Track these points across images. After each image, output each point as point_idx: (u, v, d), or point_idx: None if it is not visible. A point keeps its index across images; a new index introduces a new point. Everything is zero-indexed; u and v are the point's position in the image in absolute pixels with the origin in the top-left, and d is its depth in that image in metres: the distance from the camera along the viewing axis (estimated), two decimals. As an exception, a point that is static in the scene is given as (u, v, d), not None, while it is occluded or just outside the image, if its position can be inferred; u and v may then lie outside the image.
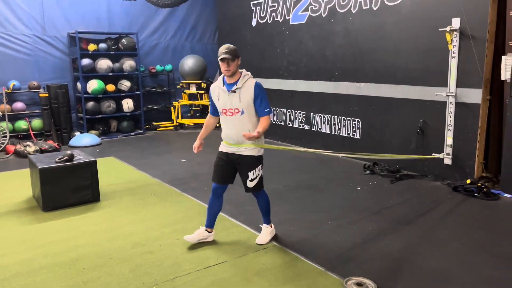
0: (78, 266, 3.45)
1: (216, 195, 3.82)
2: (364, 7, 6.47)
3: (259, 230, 4.06)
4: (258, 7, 8.62)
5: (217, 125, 3.91)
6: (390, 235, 4.02)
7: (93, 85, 8.86)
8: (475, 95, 5.27)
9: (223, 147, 3.73)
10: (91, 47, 8.92)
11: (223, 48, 3.49)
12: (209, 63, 10.50)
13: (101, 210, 4.77)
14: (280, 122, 8.44)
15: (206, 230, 3.86)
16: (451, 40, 5.33)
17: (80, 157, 5.09)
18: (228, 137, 3.64)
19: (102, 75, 9.06)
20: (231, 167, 3.71)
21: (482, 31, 5.10)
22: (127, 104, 9.42)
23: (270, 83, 8.52)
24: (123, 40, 9.22)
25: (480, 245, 3.76)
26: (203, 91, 10.14)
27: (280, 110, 8.41)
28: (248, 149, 3.58)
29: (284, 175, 6.08)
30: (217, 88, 3.63)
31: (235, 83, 3.54)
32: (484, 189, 5.03)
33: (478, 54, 5.15)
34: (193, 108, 10.50)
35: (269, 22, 8.37)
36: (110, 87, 9.15)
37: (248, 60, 9.01)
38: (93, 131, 9.06)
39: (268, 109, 3.57)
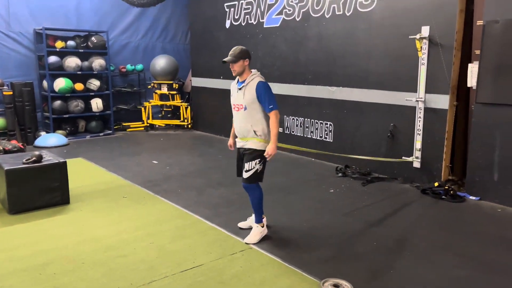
0: (48, 271, 3.34)
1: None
2: (337, 13, 6.59)
3: (235, 232, 4.07)
4: (232, 9, 8.61)
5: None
6: (363, 237, 4.11)
7: (61, 83, 8.60)
8: (442, 101, 5.46)
9: (237, 143, 4.01)
10: (59, 44, 8.66)
11: (230, 51, 3.86)
12: (181, 63, 10.41)
13: (71, 213, 4.63)
14: (253, 124, 8.45)
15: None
16: (421, 47, 5.50)
17: (49, 158, 4.92)
18: (237, 131, 3.94)
19: (70, 74, 8.81)
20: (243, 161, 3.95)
21: (450, 40, 5.30)
22: (96, 104, 9.19)
23: (243, 85, 8.53)
24: (93, 38, 9.00)
25: (447, 245, 3.90)
26: (175, 92, 10.04)
27: (253, 112, 8.42)
28: (250, 143, 3.83)
29: (267, 179, 6.08)
30: (232, 85, 4.01)
31: (244, 81, 3.83)
32: (451, 192, 5.21)
33: (446, 62, 5.35)
34: (164, 109, 10.36)
35: (243, 24, 8.38)
36: (79, 86, 8.90)
37: (220, 61, 8.99)
38: (60, 131, 8.79)
39: (271, 106, 3.74)
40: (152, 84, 10.07)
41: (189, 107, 9.92)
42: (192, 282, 3.19)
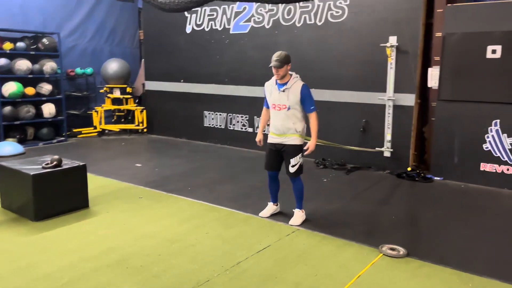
0: (132, 265, 3.45)
1: (272, 179, 4.58)
2: (308, 22, 7.32)
3: (272, 219, 4.51)
4: (194, 15, 8.87)
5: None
6: (381, 214, 4.84)
7: (11, 88, 8.03)
8: (409, 99, 6.49)
9: (271, 139, 4.44)
10: (7, 46, 8.08)
11: (274, 56, 4.21)
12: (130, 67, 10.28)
13: (101, 215, 4.62)
14: (220, 125, 8.81)
15: (274, 205, 4.65)
16: (390, 53, 6.47)
17: (66, 161, 4.82)
18: (275, 128, 4.35)
19: (20, 77, 8.25)
20: (278, 156, 4.43)
21: (414, 47, 6.34)
22: (49, 109, 8.71)
23: (208, 88, 8.84)
24: (44, 40, 8.55)
25: (444, 214, 4.80)
26: (129, 96, 9.91)
27: (220, 114, 8.78)
28: (292, 139, 4.29)
29: (252, 174, 6.52)
30: (270, 86, 4.39)
31: (285, 83, 4.25)
32: (422, 174, 6.25)
33: (411, 66, 6.38)
34: (116, 114, 10.14)
35: (207, 30, 8.69)
36: (30, 91, 8.37)
37: (181, 66, 9.20)
38: (10, 139, 8.18)
39: (313, 107, 4.27)
40: (105, 88, 9.81)
41: (144, 110, 9.87)
42: (275, 259, 3.58)
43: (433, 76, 6.31)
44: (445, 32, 6.04)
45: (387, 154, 6.77)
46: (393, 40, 6.45)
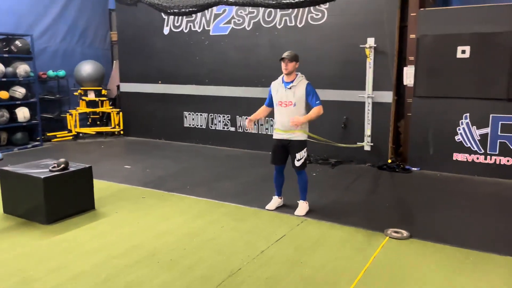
0: (163, 259, 3.61)
1: (278, 173, 4.89)
2: (289, 24, 7.65)
3: (279, 211, 4.79)
4: (171, 16, 8.94)
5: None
6: (375, 202, 5.25)
7: (-15, 92, 7.77)
8: (386, 96, 6.99)
9: (276, 135, 4.75)
10: (-21, 48, 7.80)
11: (286, 52, 4.61)
12: (103, 69, 10.18)
13: (111, 216, 4.69)
14: (201, 126, 8.95)
15: (279, 198, 4.95)
16: (369, 54, 6.94)
17: (71, 164, 4.84)
18: (281, 124, 4.65)
19: (-6, 81, 7.99)
20: (283, 151, 4.74)
21: (391, 48, 6.84)
22: (23, 113, 8.48)
23: (188, 89, 8.96)
24: (17, 42, 8.31)
25: (429, 199, 5.28)
26: (104, 98, 9.81)
27: (201, 115, 8.93)
28: (297, 135, 4.62)
29: (244, 171, 6.76)
30: (276, 84, 4.72)
31: (292, 81, 4.58)
32: (401, 166, 6.77)
33: (388, 65, 6.88)
34: (91, 116, 9.99)
35: (186, 31, 8.81)
36: (3, 94, 8.12)
37: (159, 67, 9.25)
38: (-16, 145, 7.91)
39: (318, 101, 4.58)
40: (79, 91, 9.64)
41: (120, 112, 9.80)
42: (294, 246, 3.87)
43: (408, 75, 6.84)
44: (419, 34, 6.57)
45: (367, 148, 7.23)
46: (371, 41, 6.92)
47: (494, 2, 6.11)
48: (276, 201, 4.95)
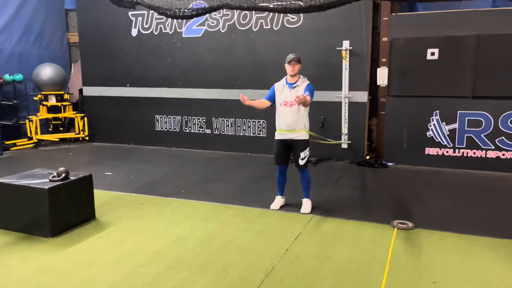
0: (193, 264, 3.60)
1: (281, 173, 5.03)
2: (265, 27, 7.80)
3: (284, 211, 4.92)
4: (140, 18, 8.74)
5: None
6: (369, 195, 5.54)
7: None
8: (362, 96, 7.36)
9: (279, 136, 4.88)
10: None
11: (291, 55, 4.82)
12: (63, 72, 9.69)
13: (116, 224, 4.55)
14: (175, 129, 8.83)
15: (281, 197, 5.07)
16: (346, 56, 7.26)
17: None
18: (285, 124, 4.79)
19: None
20: (287, 151, 4.90)
21: (365, 51, 7.21)
22: (-19, 121, 7.89)
23: (159, 92, 8.81)
24: (-28, 45, 7.71)
25: (411, 190, 5.68)
26: (67, 103, 9.35)
27: (174, 118, 8.81)
28: (300, 134, 4.78)
29: (232, 173, 6.80)
30: (280, 85, 4.88)
31: (295, 82, 4.80)
32: (379, 161, 7.17)
33: (363, 67, 7.25)
34: (52, 122, 9.47)
35: (156, 33, 8.65)
36: (-41, 101, 7.51)
37: (127, 70, 9.01)
38: None
39: (310, 96, 4.69)
40: (39, 96, 9.11)
41: (85, 118, 9.39)
42: (314, 242, 4.01)
43: (381, 75, 7.25)
44: (391, 37, 7.00)
45: (344, 145, 7.57)
46: (346, 44, 7.25)
47: (457, 8, 6.66)
48: (279, 200, 5.07)
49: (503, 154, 6.68)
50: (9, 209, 4.32)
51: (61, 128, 9.54)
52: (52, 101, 9.24)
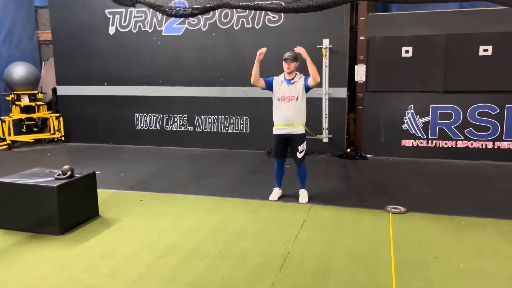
0: (211, 252, 3.75)
1: (279, 166, 5.27)
2: (246, 26, 7.99)
3: (282, 201, 5.16)
4: (117, 16, 8.67)
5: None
6: (358, 185, 5.88)
7: None
8: (341, 92, 7.73)
9: (278, 131, 5.07)
10: None
11: (287, 53, 5.03)
12: (36, 71, 9.43)
13: (122, 221, 4.60)
14: (156, 127, 8.84)
15: (279, 189, 5.31)
16: (326, 54, 7.60)
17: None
18: (284, 119, 4.98)
19: None
20: (285, 145, 5.11)
21: (343, 49, 7.58)
22: (-47, 122, 7.57)
23: (139, 90, 8.79)
24: None
25: (395, 178, 6.10)
26: (41, 102, 9.12)
27: (155, 116, 8.82)
28: (298, 129, 5.01)
29: (220, 169, 6.95)
30: (279, 80, 5.09)
31: (293, 78, 5.02)
32: (359, 154, 7.56)
33: (342, 64, 7.62)
34: (25, 123, 9.20)
35: (134, 31, 8.61)
36: None
37: (104, 68, 8.92)
38: None
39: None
40: (11, 96, 8.83)
41: (61, 117, 9.19)
42: (320, 229, 4.27)
43: (359, 72, 7.65)
44: (369, 36, 7.40)
45: (325, 140, 7.91)
46: (326, 42, 7.59)
47: (429, 9, 7.16)
48: (277, 192, 5.30)
49: (471, 144, 7.25)
50: (15, 209, 4.27)
51: (35, 129, 9.28)
52: (25, 101, 8.98)
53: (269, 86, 5.12)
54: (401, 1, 4.71)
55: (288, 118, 4.98)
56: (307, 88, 5.01)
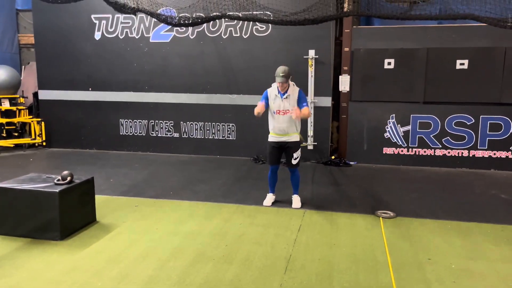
0: (216, 256, 3.86)
1: (273, 173, 5.42)
2: (234, 35, 8.15)
3: (276, 206, 5.32)
4: (104, 21, 8.65)
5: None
6: (348, 191, 6.10)
7: None
8: (326, 101, 7.99)
9: (273, 138, 5.23)
10: None
11: (280, 72, 5.01)
12: (16, 75, 9.25)
13: (121, 226, 4.64)
14: (141, 133, 8.84)
15: (273, 195, 5.46)
16: (312, 64, 7.84)
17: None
18: (280, 130, 5.15)
19: None
20: (280, 152, 5.29)
21: (328, 59, 7.85)
22: None
23: (124, 96, 8.78)
24: None
25: (380, 185, 6.37)
26: (23, 107, 8.95)
27: (140, 122, 8.81)
28: (294, 137, 5.20)
29: (211, 174, 7.04)
30: (272, 94, 5.17)
31: (286, 91, 5.12)
32: (343, 161, 7.82)
33: (327, 74, 7.88)
34: (5, 128, 8.98)
35: (121, 37, 8.61)
36: None
37: (89, 73, 8.87)
38: None
39: (305, 103, 5.12)
40: (-8, 99, 8.64)
41: (42, 122, 9.04)
42: (317, 232, 4.45)
43: (343, 82, 7.93)
44: (353, 48, 7.70)
45: (310, 147, 8.14)
46: (312, 53, 7.84)
47: (410, 24, 7.53)
48: (271, 197, 5.46)
49: (449, 152, 7.64)
50: (15, 215, 4.24)
51: (16, 134, 9.08)
52: (6, 105, 8.80)
53: (266, 102, 5.20)
54: (389, 17, 4.97)
55: (284, 128, 5.16)
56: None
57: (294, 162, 5.24)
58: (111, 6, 4.97)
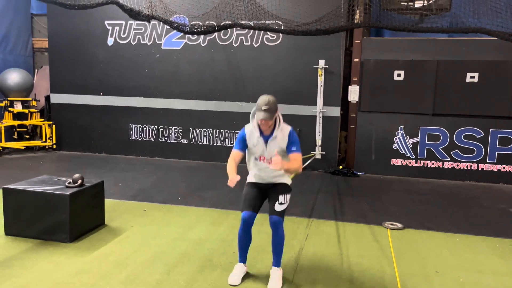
0: (224, 262, 3.88)
1: (247, 226, 3.57)
2: (245, 43, 8.22)
3: (288, 214, 5.33)
4: (117, 28, 8.78)
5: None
6: (353, 202, 6.09)
7: None
8: (335, 111, 8.01)
9: (253, 180, 3.72)
10: None
11: (262, 105, 3.34)
12: (29, 78, 9.38)
13: (129, 230, 4.67)
14: (150, 138, 8.91)
15: (244, 265, 3.66)
16: (321, 74, 7.88)
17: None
18: (261, 178, 3.65)
19: None
20: (262, 193, 3.67)
21: (338, 69, 7.89)
22: None
23: (135, 101, 8.87)
24: None
25: (389, 196, 6.36)
26: (34, 110, 9.07)
27: (150, 127, 8.89)
28: (282, 179, 3.64)
29: (218, 181, 7.08)
30: (252, 136, 3.54)
31: (272, 133, 3.47)
32: (351, 171, 7.82)
33: (336, 84, 7.91)
34: (17, 130, 9.11)
35: (133, 43, 8.73)
36: None
37: (101, 78, 8.97)
38: None
39: (296, 148, 3.49)
40: (5, 102, 8.76)
41: (53, 125, 9.15)
42: (325, 241, 4.45)
43: (352, 93, 7.96)
44: (363, 59, 7.74)
45: (318, 156, 8.15)
46: (322, 63, 7.89)
47: (420, 36, 7.56)
48: (240, 269, 3.61)
49: (457, 165, 7.61)
50: (25, 216, 4.29)
51: (27, 136, 9.20)
52: (18, 107, 8.92)
53: (244, 147, 3.63)
54: (400, 29, 5.00)
55: (268, 179, 3.64)
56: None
57: (278, 208, 3.49)
58: (126, 13, 5.06)
